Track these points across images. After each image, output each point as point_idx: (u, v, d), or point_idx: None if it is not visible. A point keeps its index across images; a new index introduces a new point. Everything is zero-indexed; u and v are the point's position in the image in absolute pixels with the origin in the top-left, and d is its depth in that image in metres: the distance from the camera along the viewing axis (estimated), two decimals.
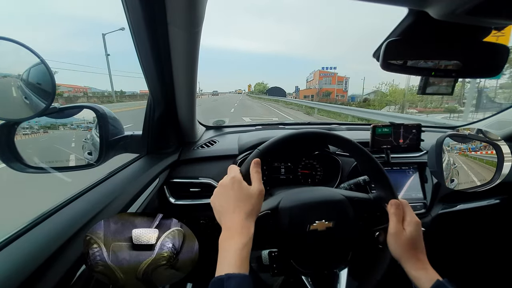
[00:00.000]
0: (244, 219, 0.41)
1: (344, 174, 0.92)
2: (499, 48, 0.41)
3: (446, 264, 1.08)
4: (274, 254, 0.59)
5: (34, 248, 0.39)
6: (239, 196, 0.42)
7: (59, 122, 0.63)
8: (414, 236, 0.46)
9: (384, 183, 0.52)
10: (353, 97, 39.60)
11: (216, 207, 0.44)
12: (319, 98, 41.05)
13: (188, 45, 0.57)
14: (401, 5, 0.35)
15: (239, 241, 0.38)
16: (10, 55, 0.46)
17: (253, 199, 0.43)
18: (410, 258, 0.44)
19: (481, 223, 1.07)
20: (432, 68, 0.42)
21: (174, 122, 0.85)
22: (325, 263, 0.53)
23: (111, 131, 0.68)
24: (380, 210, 0.52)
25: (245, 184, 0.44)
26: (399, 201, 0.49)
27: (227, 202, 0.43)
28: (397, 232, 0.46)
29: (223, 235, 0.40)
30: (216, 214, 0.44)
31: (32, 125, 0.60)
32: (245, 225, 0.40)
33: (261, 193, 0.44)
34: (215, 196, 0.45)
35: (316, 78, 48.75)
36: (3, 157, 0.55)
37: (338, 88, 45.29)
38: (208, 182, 0.87)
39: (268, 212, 0.51)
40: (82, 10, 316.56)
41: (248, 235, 0.40)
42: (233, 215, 0.41)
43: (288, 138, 0.51)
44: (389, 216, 0.48)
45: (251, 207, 0.42)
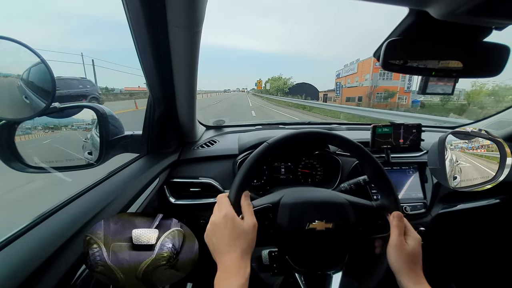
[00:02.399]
0: (240, 258, 0.40)
1: (344, 174, 0.92)
2: (499, 48, 0.41)
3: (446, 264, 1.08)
4: (274, 254, 0.59)
5: (34, 248, 0.39)
6: (233, 234, 0.42)
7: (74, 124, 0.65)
8: (416, 251, 0.46)
9: (388, 192, 0.52)
10: (416, 100, 24.81)
11: (210, 246, 0.44)
12: (373, 103, 25.92)
13: (188, 45, 0.57)
14: (401, 5, 0.35)
15: (234, 283, 0.37)
16: (10, 54, 0.46)
17: (248, 235, 0.42)
18: (410, 272, 0.44)
19: (481, 223, 1.07)
20: (432, 68, 0.42)
21: (174, 122, 0.85)
22: (320, 263, 0.53)
23: (111, 131, 0.68)
24: (381, 219, 0.52)
25: (238, 220, 0.43)
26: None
27: (221, 241, 0.42)
28: (398, 244, 0.45)
29: (218, 276, 0.39)
30: (211, 252, 0.44)
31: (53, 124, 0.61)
32: (241, 265, 0.40)
33: (255, 227, 0.44)
34: (208, 234, 0.44)
35: (365, 70, 30.83)
36: (3, 157, 0.55)
37: (401, 86, 28.51)
38: (208, 182, 0.88)
39: (269, 206, 0.51)
40: (80, 7, 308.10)
41: (245, 276, 0.39)
42: (228, 255, 0.41)
43: (295, 136, 0.51)
44: (391, 228, 0.48)
45: (246, 244, 0.42)
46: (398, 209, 0.51)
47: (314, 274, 0.55)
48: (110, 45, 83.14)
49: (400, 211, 0.50)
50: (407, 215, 0.89)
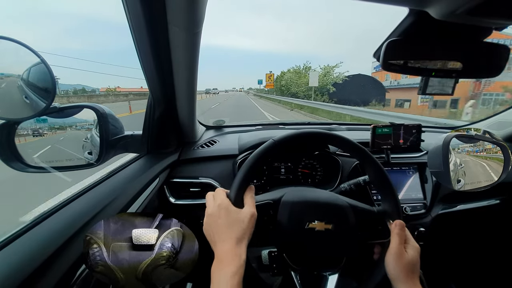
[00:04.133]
0: (235, 245, 0.41)
1: (344, 174, 0.92)
2: (500, 48, 0.41)
3: (446, 264, 1.08)
4: (273, 254, 0.59)
5: (34, 247, 0.39)
6: (227, 222, 0.42)
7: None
8: (415, 260, 0.46)
9: (389, 197, 0.52)
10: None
11: (208, 237, 0.45)
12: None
13: (188, 45, 0.57)
14: (401, 5, 0.35)
15: (228, 270, 0.38)
16: (10, 54, 0.46)
17: (244, 223, 0.43)
18: (407, 281, 0.44)
19: (481, 224, 1.07)
20: (432, 68, 0.42)
21: (174, 122, 0.85)
22: (317, 263, 0.53)
23: (111, 131, 0.68)
24: (381, 224, 0.52)
25: (233, 208, 0.44)
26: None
27: (216, 231, 0.43)
28: (398, 253, 0.45)
29: (214, 265, 0.40)
30: (210, 243, 0.44)
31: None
32: (236, 253, 0.40)
33: (253, 217, 0.44)
34: (205, 227, 0.45)
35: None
36: (3, 157, 0.55)
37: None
38: (208, 182, 0.88)
39: (270, 202, 0.51)
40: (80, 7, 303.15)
41: (239, 262, 0.39)
42: (223, 243, 0.41)
43: (300, 135, 0.51)
44: (391, 235, 0.47)
45: (241, 232, 0.42)
46: (400, 216, 0.50)
47: (310, 274, 0.55)
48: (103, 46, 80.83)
49: (401, 217, 0.50)
50: (407, 215, 0.89)
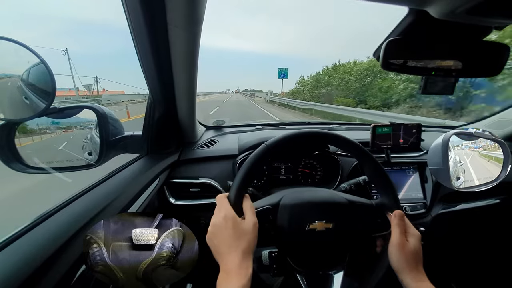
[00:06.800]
0: (242, 258, 0.40)
1: (344, 174, 0.92)
2: (499, 47, 0.41)
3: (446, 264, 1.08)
4: (274, 254, 0.59)
5: (34, 248, 0.39)
6: (234, 235, 0.42)
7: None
8: (417, 248, 0.46)
9: (388, 190, 0.52)
10: None
11: (212, 247, 0.44)
12: None
13: (188, 45, 0.57)
14: (401, 4, 0.35)
15: (236, 283, 0.38)
16: (10, 55, 0.46)
17: (248, 234, 0.42)
18: (412, 270, 0.44)
19: (481, 223, 1.07)
20: (432, 67, 0.42)
21: (174, 122, 0.85)
22: (321, 263, 0.53)
23: (111, 131, 0.68)
24: (380, 217, 0.52)
25: (238, 220, 0.43)
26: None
27: (222, 242, 0.42)
28: (400, 243, 0.45)
29: (221, 277, 0.40)
30: (213, 254, 0.44)
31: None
32: (243, 266, 0.40)
33: (255, 226, 0.44)
34: (209, 236, 0.44)
35: None
36: (3, 157, 0.55)
37: None
38: (208, 182, 0.88)
39: (269, 207, 0.51)
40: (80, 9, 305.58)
41: (247, 276, 0.39)
42: (229, 256, 0.41)
43: (293, 136, 0.51)
44: (392, 227, 0.48)
45: (247, 244, 0.42)
46: (399, 207, 0.50)
47: (315, 275, 0.55)
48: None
49: (399, 207, 0.50)
50: (407, 215, 0.89)
